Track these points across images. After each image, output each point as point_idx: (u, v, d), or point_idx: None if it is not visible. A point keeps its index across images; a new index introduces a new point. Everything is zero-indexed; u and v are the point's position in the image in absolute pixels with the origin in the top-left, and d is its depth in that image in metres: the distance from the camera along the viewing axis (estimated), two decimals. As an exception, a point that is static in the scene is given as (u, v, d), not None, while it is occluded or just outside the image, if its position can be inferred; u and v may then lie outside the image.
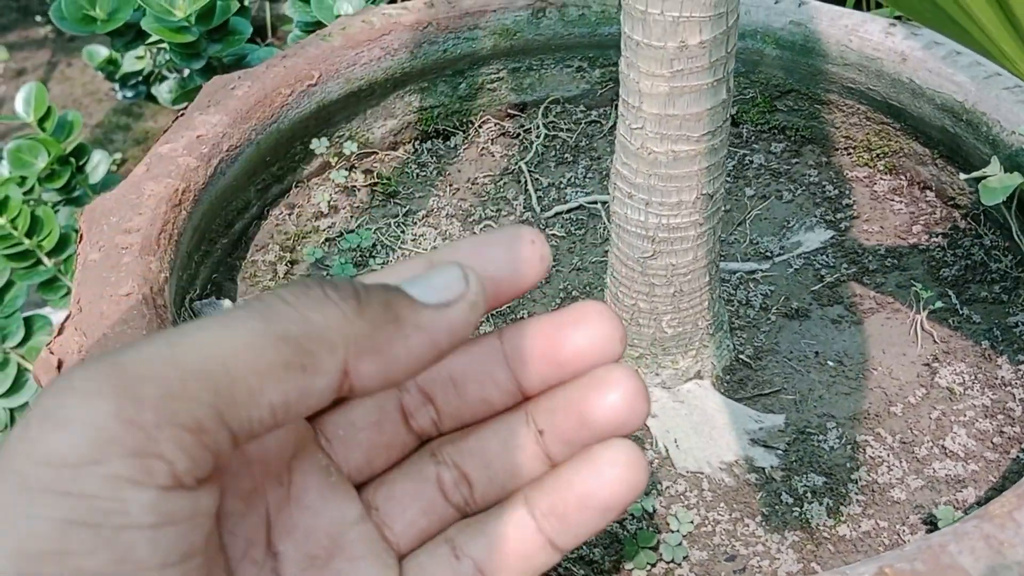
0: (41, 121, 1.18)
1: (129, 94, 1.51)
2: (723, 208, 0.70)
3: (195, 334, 0.27)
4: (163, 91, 1.45)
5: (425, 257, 0.34)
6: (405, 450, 0.36)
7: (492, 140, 1.02)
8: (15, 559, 0.24)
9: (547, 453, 0.34)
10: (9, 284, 1.06)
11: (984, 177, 0.75)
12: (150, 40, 1.24)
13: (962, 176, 0.80)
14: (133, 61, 1.45)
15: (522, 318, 0.81)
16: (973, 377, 0.74)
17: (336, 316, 0.28)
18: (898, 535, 0.64)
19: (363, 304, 0.29)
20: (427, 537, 0.35)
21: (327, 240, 0.90)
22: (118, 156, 1.76)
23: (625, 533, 0.65)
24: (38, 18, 1.99)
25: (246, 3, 1.30)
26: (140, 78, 1.48)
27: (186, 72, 1.38)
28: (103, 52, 1.45)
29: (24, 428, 0.25)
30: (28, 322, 1.06)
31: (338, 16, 1.08)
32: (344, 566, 0.33)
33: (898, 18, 0.92)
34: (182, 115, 0.83)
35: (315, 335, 0.28)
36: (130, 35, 1.22)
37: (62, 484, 0.24)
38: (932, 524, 0.64)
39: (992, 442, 0.69)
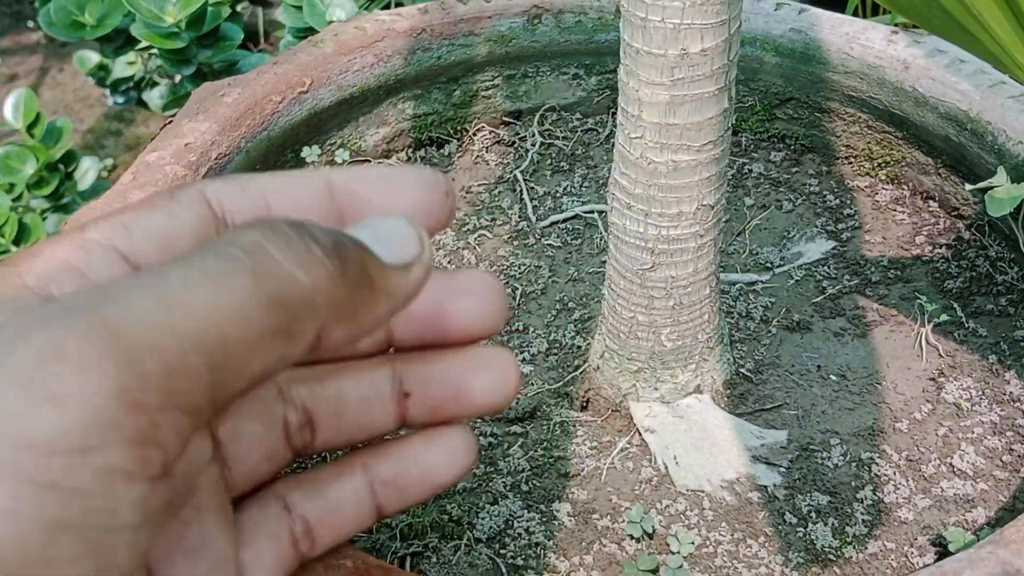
0: (30, 127, 1.16)
1: (120, 100, 1.50)
2: (724, 219, 0.68)
3: (185, 293, 0.23)
4: (154, 97, 1.43)
5: (322, 175, 0.31)
6: None
7: (487, 148, 1.00)
8: None
9: (405, 414, 0.34)
10: (-6, 294, 1.04)
11: (991, 188, 0.73)
12: (140, 46, 1.22)
13: (968, 187, 0.78)
14: (124, 67, 1.43)
15: (519, 328, 0.80)
16: (980, 392, 0.72)
17: (323, 277, 0.26)
18: (906, 557, 0.62)
19: (344, 264, 0.26)
20: (262, 481, 0.33)
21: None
22: (109, 162, 1.75)
23: (624, 554, 0.63)
24: (30, 23, 1.98)
25: (238, 9, 1.28)
26: (131, 84, 1.46)
27: (177, 78, 1.36)
28: (94, 58, 1.43)
29: None
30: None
31: (331, 22, 1.06)
32: (192, 516, 0.30)
33: (899, 25, 0.90)
34: (170, 122, 0.82)
35: (303, 298, 0.25)
36: (120, 40, 1.20)
37: (50, 475, 0.21)
38: (941, 546, 0.62)
39: (1001, 460, 0.68)
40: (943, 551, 0.62)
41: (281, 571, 0.32)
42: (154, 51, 1.30)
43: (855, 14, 1.16)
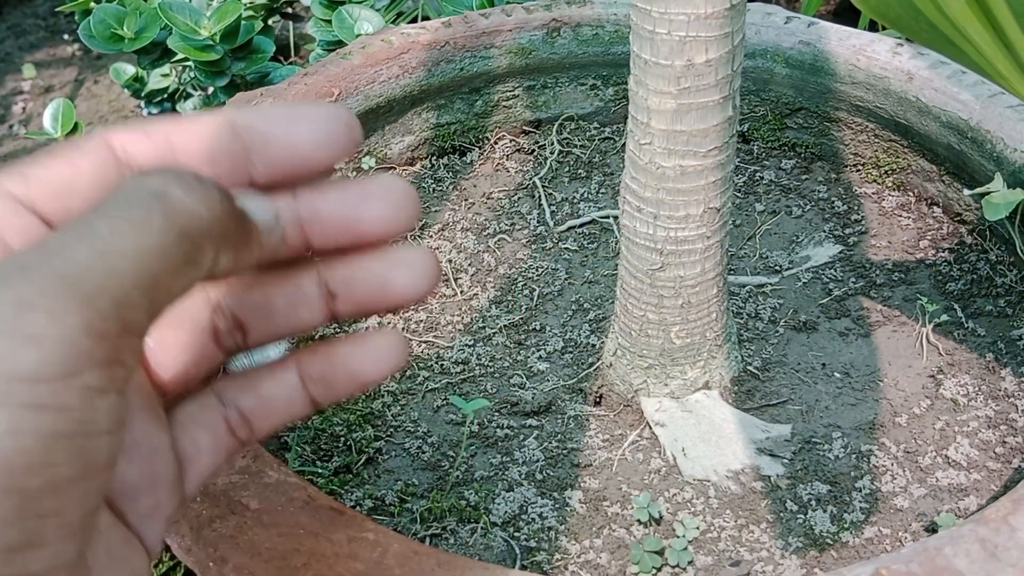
0: (68, 136, 1.21)
1: (154, 111, 1.54)
2: (731, 222, 0.71)
3: (115, 240, 0.28)
4: (188, 108, 1.48)
5: (225, 117, 0.34)
6: None
7: (507, 156, 1.04)
8: (1, 474, 0.25)
9: (335, 311, 0.37)
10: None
11: (988, 193, 0.76)
12: (176, 58, 1.27)
13: (966, 192, 0.81)
14: (159, 79, 1.48)
15: (536, 328, 0.83)
16: (977, 389, 0.75)
17: (218, 211, 0.30)
18: (900, 542, 0.65)
19: (232, 203, 0.31)
20: (194, 382, 0.37)
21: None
22: (142, 172, 1.79)
23: (632, 538, 0.67)
24: (65, 36, 2.03)
25: (270, 23, 1.33)
26: (165, 95, 1.51)
27: (210, 90, 1.41)
28: (130, 70, 1.48)
29: None
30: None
31: (359, 35, 1.10)
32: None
33: (904, 37, 0.93)
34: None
35: (204, 230, 0.29)
36: (156, 53, 1.25)
37: (39, 398, 0.25)
38: (934, 531, 0.65)
39: (994, 452, 0.71)
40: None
41: (221, 455, 0.37)
42: (189, 63, 1.35)
43: (870, 28, 1.19)
